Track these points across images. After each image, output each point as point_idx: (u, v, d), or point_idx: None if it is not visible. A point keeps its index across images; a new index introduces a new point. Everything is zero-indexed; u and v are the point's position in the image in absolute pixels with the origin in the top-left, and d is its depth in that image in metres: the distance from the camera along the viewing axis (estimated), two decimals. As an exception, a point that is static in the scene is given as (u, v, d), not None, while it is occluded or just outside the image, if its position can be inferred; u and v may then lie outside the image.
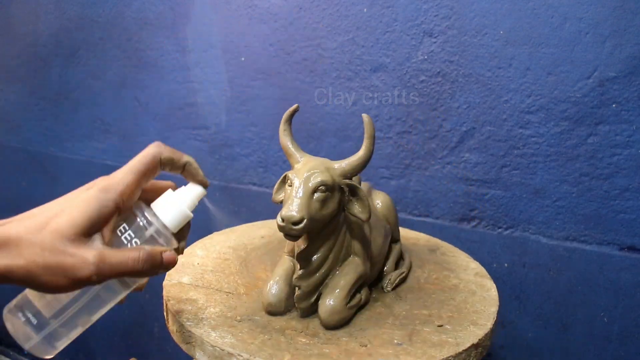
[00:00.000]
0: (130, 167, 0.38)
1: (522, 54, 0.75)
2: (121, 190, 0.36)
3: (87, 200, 0.35)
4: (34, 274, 0.33)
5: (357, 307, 0.53)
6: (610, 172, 0.73)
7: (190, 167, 0.41)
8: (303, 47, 0.92)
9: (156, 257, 0.37)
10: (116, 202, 0.36)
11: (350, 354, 0.45)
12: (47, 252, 0.33)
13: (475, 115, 0.80)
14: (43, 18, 1.25)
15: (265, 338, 0.48)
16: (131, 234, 0.38)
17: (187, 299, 0.55)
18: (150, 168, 0.38)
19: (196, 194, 0.42)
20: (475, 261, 0.68)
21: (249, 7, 0.96)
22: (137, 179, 0.37)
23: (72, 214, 0.34)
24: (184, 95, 1.07)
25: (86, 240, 0.35)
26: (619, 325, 0.75)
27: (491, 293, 0.58)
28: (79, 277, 0.34)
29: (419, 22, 0.82)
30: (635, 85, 0.70)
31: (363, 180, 0.91)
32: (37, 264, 0.33)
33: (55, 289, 0.35)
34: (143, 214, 0.39)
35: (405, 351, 0.46)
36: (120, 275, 0.36)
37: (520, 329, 0.81)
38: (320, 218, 0.48)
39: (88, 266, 0.34)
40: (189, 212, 0.40)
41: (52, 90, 1.27)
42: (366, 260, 0.54)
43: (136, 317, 1.26)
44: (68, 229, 0.34)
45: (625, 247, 0.73)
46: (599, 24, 0.70)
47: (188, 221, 0.41)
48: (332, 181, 0.49)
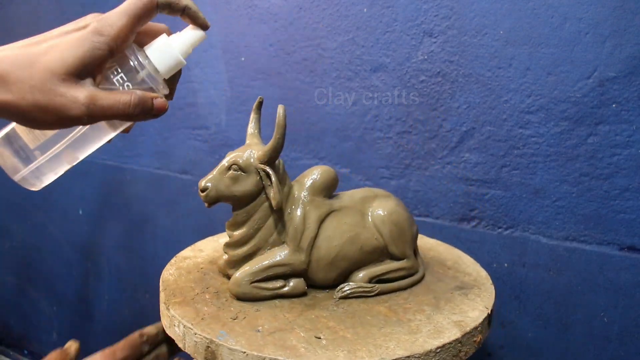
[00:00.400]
0: (125, 9, 0.36)
1: (522, 54, 0.75)
2: (115, 34, 0.35)
3: (80, 41, 0.34)
4: (22, 110, 0.33)
5: (276, 293, 0.55)
6: (610, 172, 0.73)
7: (189, 10, 0.40)
8: (303, 47, 0.92)
9: (147, 102, 0.37)
10: (109, 45, 0.35)
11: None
12: (37, 90, 0.33)
13: (475, 115, 0.80)
14: (43, 18, 1.25)
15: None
16: (123, 77, 0.38)
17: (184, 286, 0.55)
18: (146, 11, 0.37)
19: (193, 39, 0.41)
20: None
21: (249, 7, 0.96)
22: (131, 22, 0.36)
23: (64, 53, 0.34)
24: (184, 95, 1.07)
25: (77, 80, 0.34)
26: (618, 325, 0.75)
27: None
28: (69, 116, 0.34)
29: (419, 22, 0.82)
30: (635, 85, 0.70)
31: (364, 181, 0.92)
32: (27, 100, 0.33)
33: (44, 126, 0.35)
34: (136, 57, 0.38)
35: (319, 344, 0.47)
36: (111, 117, 0.36)
37: (520, 329, 0.81)
38: (229, 193, 0.55)
39: (79, 106, 0.34)
40: (182, 58, 0.40)
41: (52, 90, 1.27)
42: (298, 252, 0.55)
43: (136, 317, 1.26)
44: (59, 68, 0.33)
45: (625, 247, 0.73)
46: (599, 24, 0.70)
47: (180, 68, 0.41)
48: (244, 163, 0.54)
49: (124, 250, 1.24)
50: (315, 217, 0.55)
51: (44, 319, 1.44)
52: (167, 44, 0.39)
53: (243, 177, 0.55)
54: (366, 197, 0.60)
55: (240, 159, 0.55)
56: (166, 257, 0.66)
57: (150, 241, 1.19)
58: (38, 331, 1.47)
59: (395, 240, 0.58)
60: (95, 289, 1.32)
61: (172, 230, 1.15)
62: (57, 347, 0.64)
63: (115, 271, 1.27)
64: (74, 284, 1.36)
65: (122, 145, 1.18)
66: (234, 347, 0.45)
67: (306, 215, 0.55)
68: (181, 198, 1.12)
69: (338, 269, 0.56)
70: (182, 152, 1.10)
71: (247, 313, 0.52)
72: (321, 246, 0.55)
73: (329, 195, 0.58)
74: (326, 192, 0.58)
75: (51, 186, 0.41)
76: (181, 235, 1.13)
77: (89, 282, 1.33)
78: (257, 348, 0.45)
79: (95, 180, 1.23)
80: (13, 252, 1.47)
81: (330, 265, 0.56)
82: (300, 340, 0.47)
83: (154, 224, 1.17)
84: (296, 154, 0.96)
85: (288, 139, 0.95)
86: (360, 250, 0.57)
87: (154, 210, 1.16)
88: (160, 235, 1.17)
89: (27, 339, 1.50)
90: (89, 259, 1.31)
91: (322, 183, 0.57)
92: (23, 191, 1.54)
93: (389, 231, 0.58)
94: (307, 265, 0.55)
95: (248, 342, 0.46)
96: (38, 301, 1.45)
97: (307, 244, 0.55)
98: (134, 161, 1.17)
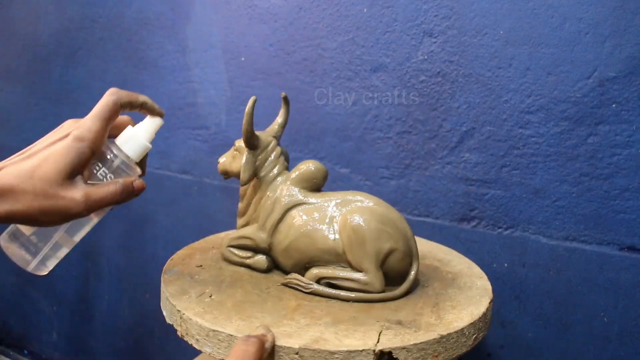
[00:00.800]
0: (97, 115, 0.43)
1: (522, 54, 0.75)
2: (93, 138, 0.42)
3: (66, 149, 0.41)
4: (32, 216, 0.40)
5: (242, 262, 0.63)
6: (610, 172, 0.73)
7: (146, 105, 0.47)
8: (303, 47, 0.92)
9: (129, 187, 0.45)
10: (91, 148, 0.42)
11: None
12: (41, 198, 0.39)
13: (475, 115, 0.80)
14: (43, 18, 1.25)
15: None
16: (105, 170, 0.45)
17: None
18: (114, 112, 0.44)
19: (154, 126, 0.49)
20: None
21: (249, 7, 0.97)
22: (104, 124, 0.43)
23: (56, 161, 0.40)
24: (184, 95, 1.07)
25: (71, 182, 0.41)
26: (618, 325, 0.75)
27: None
28: (71, 214, 0.41)
29: (419, 22, 0.82)
30: (635, 85, 0.70)
31: (364, 181, 0.92)
32: (34, 207, 0.39)
33: (50, 224, 0.42)
34: (112, 151, 0.46)
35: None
36: (104, 206, 0.43)
37: (520, 329, 0.81)
38: (229, 169, 0.66)
39: (78, 204, 0.41)
40: (147, 143, 0.48)
41: (52, 90, 1.27)
42: (262, 230, 0.61)
43: (136, 317, 1.26)
44: (55, 175, 0.40)
45: (625, 247, 0.73)
46: (599, 24, 0.70)
47: (147, 152, 0.49)
48: (239, 145, 0.64)
49: (124, 250, 1.24)
50: (283, 203, 0.60)
51: (44, 319, 1.44)
52: (134, 134, 0.47)
53: (238, 157, 0.64)
54: (347, 200, 0.58)
55: (239, 141, 0.64)
56: (166, 257, 0.66)
57: (150, 241, 1.19)
58: (38, 331, 1.47)
59: (352, 249, 0.56)
60: (95, 289, 1.32)
61: (172, 230, 1.15)
62: (57, 347, 0.64)
63: (115, 271, 1.27)
64: (74, 284, 1.36)
65: (122, 145, 1.18)
66: (164, 278, 0.59)
67: (277, 200, 0.60)
68: (181, 198, 1.12)
69: (292, 258, 0.59)
70: (182, 152, 1.10)
71: (210, 267, 0.64)
72: (282, 232, 0.60)
73: (311, 188, 0.61)
74: (307, 184, 0.60)
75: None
76: (181, 235, 1.13)
77: (89, 282, 1.33)
78: (168, 284, 0.57)
79: (95, 180, 1.23)
80: (13, 252, 1.47)
81: (285, 251, 0.59)
82: (197, 292, 0.56)
83: (154, 224, 1.17)
84: (296, 153, 0.96)
85: (288, 138, 0.95)
86: (314, 247, 0.57)
87: (154, 210, 1.16)
88: (160, 235, 1.17)
89: (27, 339, 1.50)
90: (89, 259, 1.31)
91: (303, 174, 0.61)
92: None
93: (346, 237, 0.56)
94: (270, 247, 0.61)
95: (174, 280, 0.59)
96: (38, 301, 1.45)
97: (270, 225, 0.60)
98: (134, 161, 1.17)
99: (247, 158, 0.61)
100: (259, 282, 0.60)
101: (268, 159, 0.63)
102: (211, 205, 1.08)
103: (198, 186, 1.09)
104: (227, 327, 0.48)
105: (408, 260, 0.58)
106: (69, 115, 0.48)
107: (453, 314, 0.53)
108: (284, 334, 0.47)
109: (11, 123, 1.38)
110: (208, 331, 0.48)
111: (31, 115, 1.32)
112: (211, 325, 0.48)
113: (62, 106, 1.26)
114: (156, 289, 0.61)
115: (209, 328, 0.48)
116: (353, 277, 0.56)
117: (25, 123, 1.34)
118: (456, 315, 0.53)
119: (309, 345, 0.45)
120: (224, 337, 0.48)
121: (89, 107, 0.44)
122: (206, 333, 0.49)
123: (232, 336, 0.47)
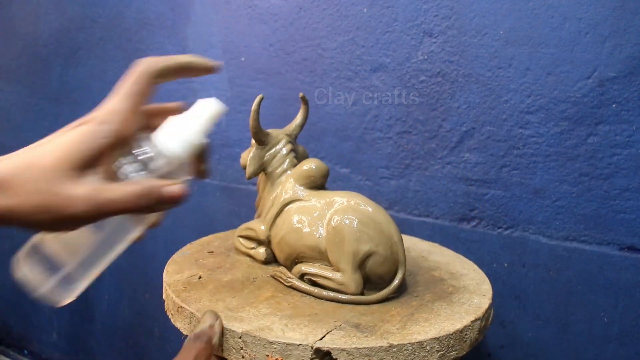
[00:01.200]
0: (123, 93, 0.33)
1: (522, 54, 0.75)
2: (118, 120, 0.32)
3: (82, 134, 0.32)
4: (23, 215, 0.31)
5: (247, 252, 0.67)
6: (610, 172, 0.73)
7: (192, 65, 0.36)
8: (303, 47, 0.92)
9: (154, 192, 0.33)
10: (115, 133, 0.32)
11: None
12: (34, 192, 0.31)
13: (475, 115, 0.80)
14: (43, 18, 1.25)
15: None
16: (133, 167, 0.33)
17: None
18: (144, 87, 0.34)
19: (210, 112, 0.35)
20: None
21: (249, 7, 0.97)
22: (133, 105, 0.33)
23: (64, 148, 0.31)
24: (184, 95, 1.07)
25: (78, 176, 0.31)
26: (618, 325, 0.75)
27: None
28: (70, 214, 0.31)
29: (419, 22, 0.82)
30: (635, 85, 0.70)
31: (364, 181, 0.92)
32: (26, 204, 0.30)
33: (52, 228, 0.32)
34: (147, 144, 0.34)
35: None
36: (119, 212, 0.32)
37: (520, 329, 0.81)
38: (244, 164, 0.67)
39: (80, 203, 0.31)
40: (199, 137, 0.35)
41: (52, 90, 1.27)
42: (262, 223, 0.64)
43: (136, 317, 1.26)
44: (57, 165, 0.31)
45: (625, 247, 0.73)
46: (599, 24, 0.70)
47: (201, 148, 0.36)
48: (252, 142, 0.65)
49: (124, 250, 1.24)
50: (282, 199, 0.62)
51: (44, 319, 1.44)
52: (180, 123, 0.35)
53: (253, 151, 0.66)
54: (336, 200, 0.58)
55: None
56: (166, 257, 0.66)
57: (150, 241, 1.19)
58: (38, 331, 1.47)
59: (330, 247, 0.56)
60: (95, 289, 1.32)
61: (172, 230, 1.15)
62: (57, 347, 0.65)
63: (115, 271, 1.27)
64: (74, 284, 1.36)
65: (122, 145, 1.18)
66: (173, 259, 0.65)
67: (278, 195, 0.62)
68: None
69: (283, 251, 0.61)
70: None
71: (220, 254, 0.68)
72: (277, 226, 0.62)
73: (312, 186, 0.62)
74: (306, 182, 0.61)
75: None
76: (181, 235, 1.13)
77: (89, 282, 1.33)
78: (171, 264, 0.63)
79: (95, 180, 1.23)
80: (13, 252, 1.47)
81: (278, 245, 0.62)
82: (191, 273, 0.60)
83: (154, 224, 1.17)
84: (296, 154, 0.96)
85: (288, 139, 0.95)
86: (300, 242, 0.59)
87: (154, 210, 1.16)
88: (160, 235, 1.17)
89: (27, 339, 1.50)
90: (89, 259, 1.31)
91: (303, 172, 0.62)
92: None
93: (327, 234, 0.56)
94: (269, 239, 0.63)
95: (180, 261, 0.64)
96: (38, 301, 1.45)
97: (269, 218, 0.63)
98: (134, 161, 1.17)
99: (255, 153, 0.64)
100: (253, 271, 0.63)
101: (277, 155, 0.65)
102: (211, 205, 1.08)
103: (198, 186, 1.09)
104: (192, 305, 0.52)
105: (391, 266, 0.56)
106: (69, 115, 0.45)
107: (421, 327, 0.50)
108: (237, 318, 0.50)
109: (11, 123, 1.38)
110: (177, 307, 0.53)
111: (31, 115, 1.32)
112: (180, 301, 0.53)
113: (62, 106, 1.25)
114: (156, 289, 0.61)
115: (178, 304, 0.53)
116: (329, 276, 0.56)
117: (25, 123, 1.34)
118: (423, 328, 0.50)
119: (251, 332, 0.47)
120: (187, 314, 0.52)
121: (89, 107, 0.39)
122: (176, 309, 0.53)
123: (193, 314, 0.51)
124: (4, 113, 1.39)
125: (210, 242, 0.73)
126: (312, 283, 0.58)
